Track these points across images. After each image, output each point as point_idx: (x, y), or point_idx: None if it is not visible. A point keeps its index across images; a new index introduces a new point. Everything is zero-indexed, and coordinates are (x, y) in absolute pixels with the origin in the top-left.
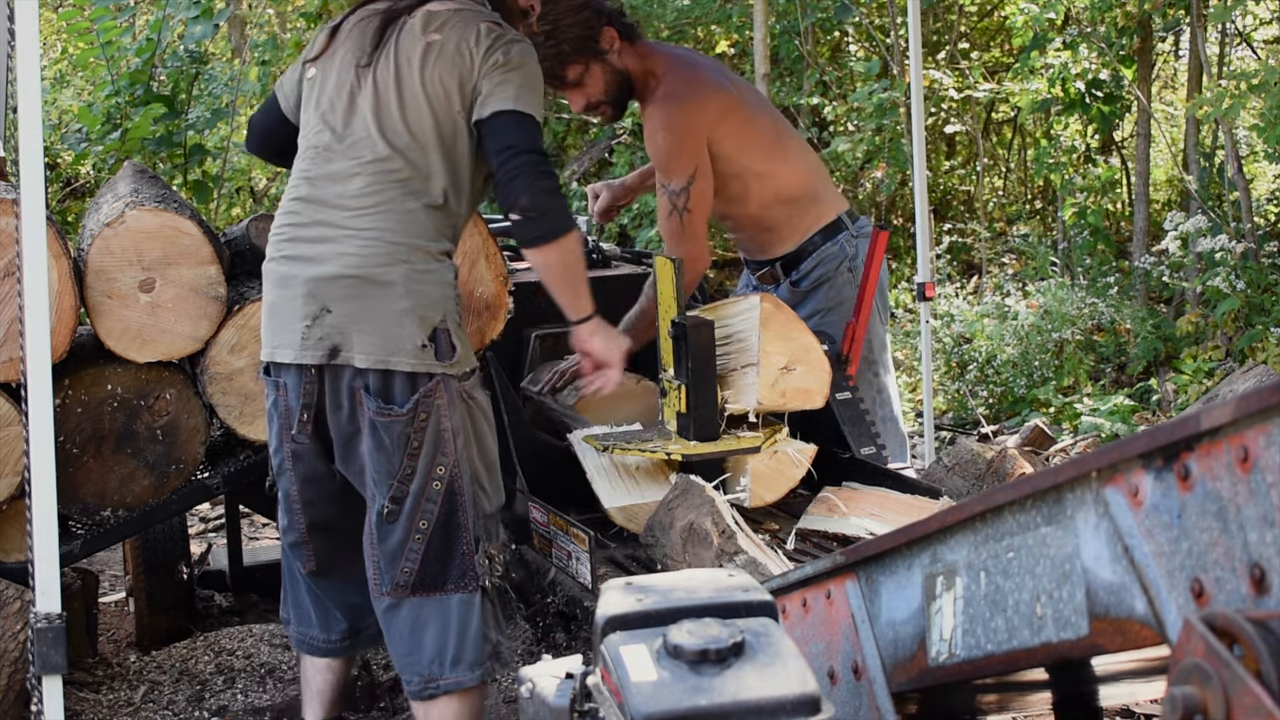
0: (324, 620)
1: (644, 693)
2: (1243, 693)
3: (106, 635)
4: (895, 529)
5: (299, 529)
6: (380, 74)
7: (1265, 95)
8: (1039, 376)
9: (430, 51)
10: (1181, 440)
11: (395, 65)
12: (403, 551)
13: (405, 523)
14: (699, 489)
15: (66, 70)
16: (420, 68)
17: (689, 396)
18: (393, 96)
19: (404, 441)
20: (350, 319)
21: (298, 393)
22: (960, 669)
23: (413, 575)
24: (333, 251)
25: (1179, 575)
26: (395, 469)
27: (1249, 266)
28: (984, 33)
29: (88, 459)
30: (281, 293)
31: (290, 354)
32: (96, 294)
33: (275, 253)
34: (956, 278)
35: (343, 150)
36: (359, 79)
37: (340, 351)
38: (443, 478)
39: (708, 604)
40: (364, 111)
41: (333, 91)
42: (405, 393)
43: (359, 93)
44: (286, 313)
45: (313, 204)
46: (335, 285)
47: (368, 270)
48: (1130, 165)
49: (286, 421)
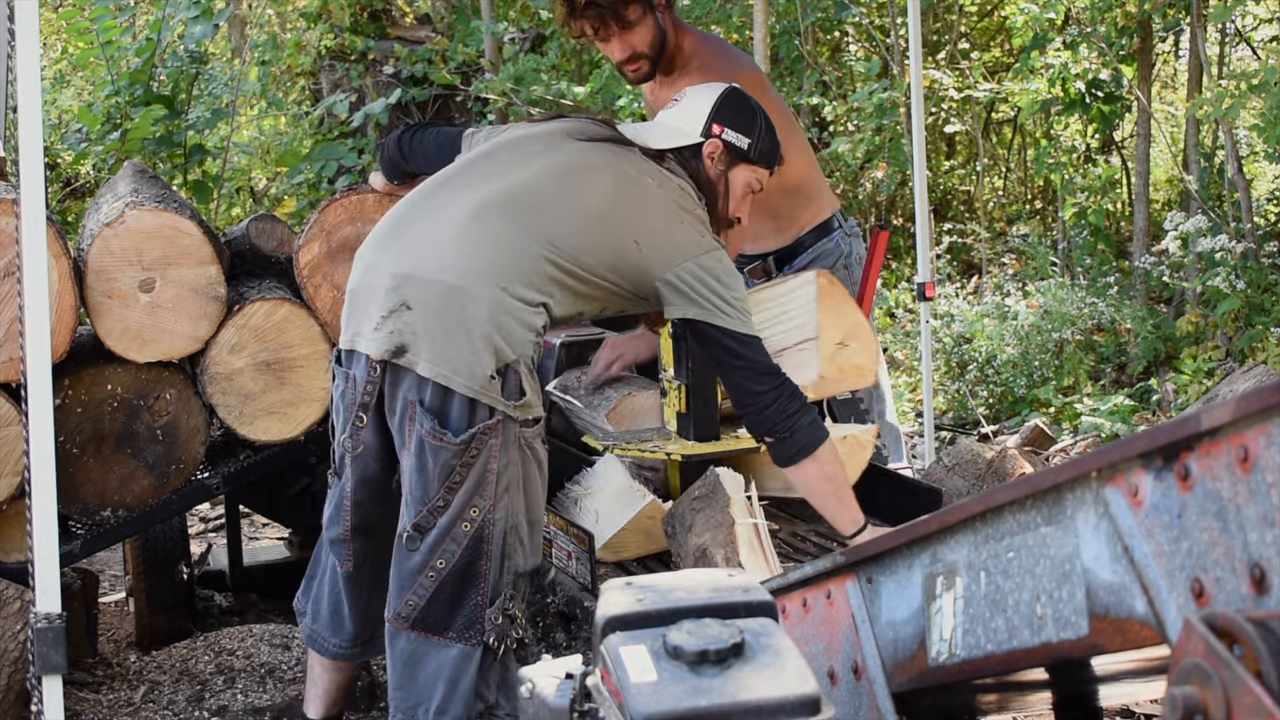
0: (334, 624)
1: (644, 693)
2: (1243, 693)
3: (106, 635)
4: (896, 529)
5: (343, 526)
6: (575, 155)
7: (1265, 95)
8: (1039, 376)
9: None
10: (1181, 440)
11: (562, 162)
12: (413, 583)
13: (424, 555)
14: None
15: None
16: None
17: (689, 397)
18: (575, 162)
19: (447, 472)
20: (426, 321)
21: (364, 384)
22: (960, 669)
23: (416, 610)
24: (432, 252)
25: (1179, 575)
26: (429, 496)
27: (1249, 266)
28: (984, 33)
29: (88, 459)
30: (366, 279)
31: (364, 343)
32: (96, 294)
33: (372, 240)
34: (956, 278)
35: (491, 173)
36: (559, 149)
37: (406, 352)
38: (474, 520)
39: (707, 604)
40: (532, 147)
41: (523, 140)
42: (462, 421)
43: (542, 137)
44: (366, 300)
45: (430, 207)
46: (422, 285)
47: (461, 281)
48: (1130, 165)
49: (352, 414)
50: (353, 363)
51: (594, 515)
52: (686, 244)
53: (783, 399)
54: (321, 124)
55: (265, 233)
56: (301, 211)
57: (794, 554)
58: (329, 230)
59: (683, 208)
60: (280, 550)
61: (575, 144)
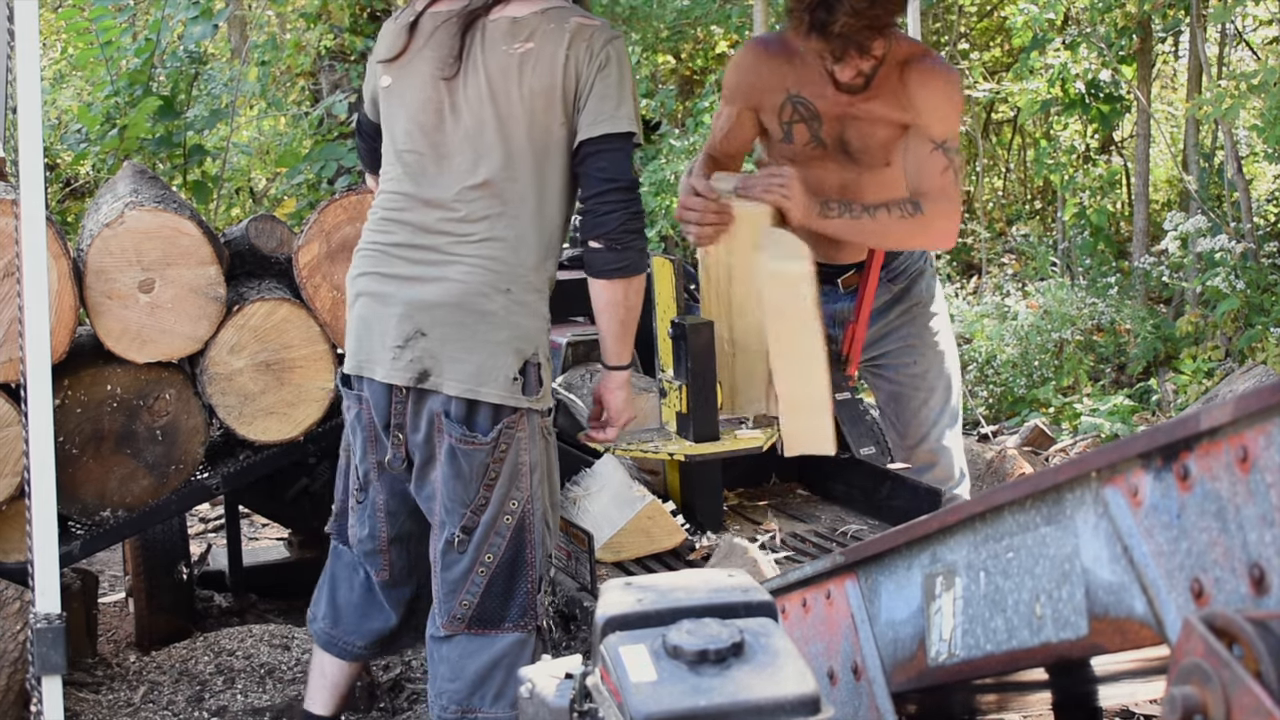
0: (361, 628)
1: (643, 693)
2: (1242, 693)
3: (106, 635)
4: (895, 529)
5: (379, 538)
6: (471, 90)
7: (1265, 95)
8: (1039, 376)
9: (526, 63)
10: (1181, 440)
11: (487, 80)
12: (464, 583)
13: (472, 554)
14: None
15: (66, 70)
16: (516, 82)
17: (689, 397)
18: (489, 115)
19: (483, 471)
20: (444, 345)
21: (385, 410)
22: (960, 669)
23: (471, 609)
24: (435, 274)
25: (1178, 575)
26: (470, 498)
27: (1248, 267)
28: (984, 33)
29: (87, 459)
30: (377, 309)
31: (381, 371)
32: (96, 294)
33: (369, 267)
34: (956, 278)
35: (439, 173)
36: (447, 94)
37: (430, 376)
38: (514, 512)
39: (707, 604)
40: (459, 132)
41: (417, 106)
42: (489, 421)
43: (449, 110)
44: (379, 329)
45: (409, 227)
46: (434, 310)
47: (470, 299)
48: (1130, 165)
49: (372, 434)
50: (365, 385)
51: (593, 515)
52: (587, 58)
53: (631, 210)
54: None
55: (265, 233)
56: (301, 212)
57: (794, 554)
58: (328, 230)
59: (562, 42)
60: (280, 550)
61: (453, 83)
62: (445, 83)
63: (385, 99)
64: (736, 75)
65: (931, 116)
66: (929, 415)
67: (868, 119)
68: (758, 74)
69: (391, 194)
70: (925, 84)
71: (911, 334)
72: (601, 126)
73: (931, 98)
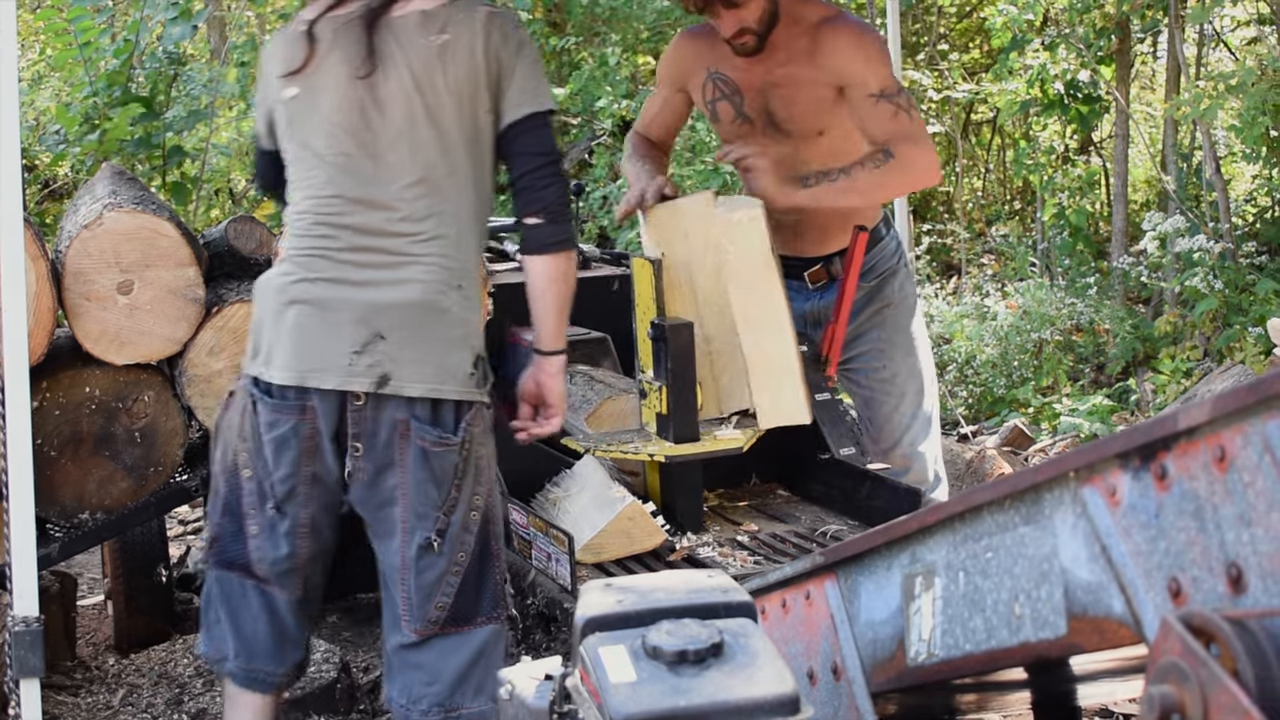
0: (279, 652)
1: (623, 694)
2: (1219, 692)
3: (85, 638)
4: (875, 529)
5: (298, 557)
6: (394, 85)
7: (1243, 96)
8: (1018, 377)
9: (446, 54)
10: (1159, 440)
11: (410, 73)
12: (439, 586)
13: (447, 555)
14: None
15: (44, 71)
16: (440, 73)
17: (669, 398)
18: (418, 108)
19: (453, 471)
20: (404, 347)
21: (336, 420)
22: (939, 669)
23: (446, 611)
24: (392, 277)
25: (1156, 575)
26: (442, 500)
27: (1227, 267)
28: (963, 34)
29: (65, 461)
30: (322, 316)
31: (334, 380)
32: (74, 296)
33: (305, 274)
34: (936, 278)
35: (375, 172)
36: (367, 92)
37: (390, 380)
38: (479, 507)
39: (687, 605)
40: (388, 129)
41: (335, 109)
42: (454, 420)
43: (373, 108)
44: (326, 337)
45: (352, 230)
46: (392, 312)
47: (429, 297)
48: (1109, 166)
49: (311, 446)
50: (310, 395)
51: (573, 517)
52: (505, 44)
53: (564, 183)
54: None
55: (244, 234)
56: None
57: (773, 554)
58: None
59: (478, 30)
60: None
61: (368, 81)
62: (362, 82)
63: (292, 110)
64: (666, 60)
65: (853, 71)
66: (900, 421)
67: (786, 84)
68: (683, 56)
69: (323, 199)
70: (835, 40)
71: (881, 337)
72: (527, 106)
73: (845, 52)
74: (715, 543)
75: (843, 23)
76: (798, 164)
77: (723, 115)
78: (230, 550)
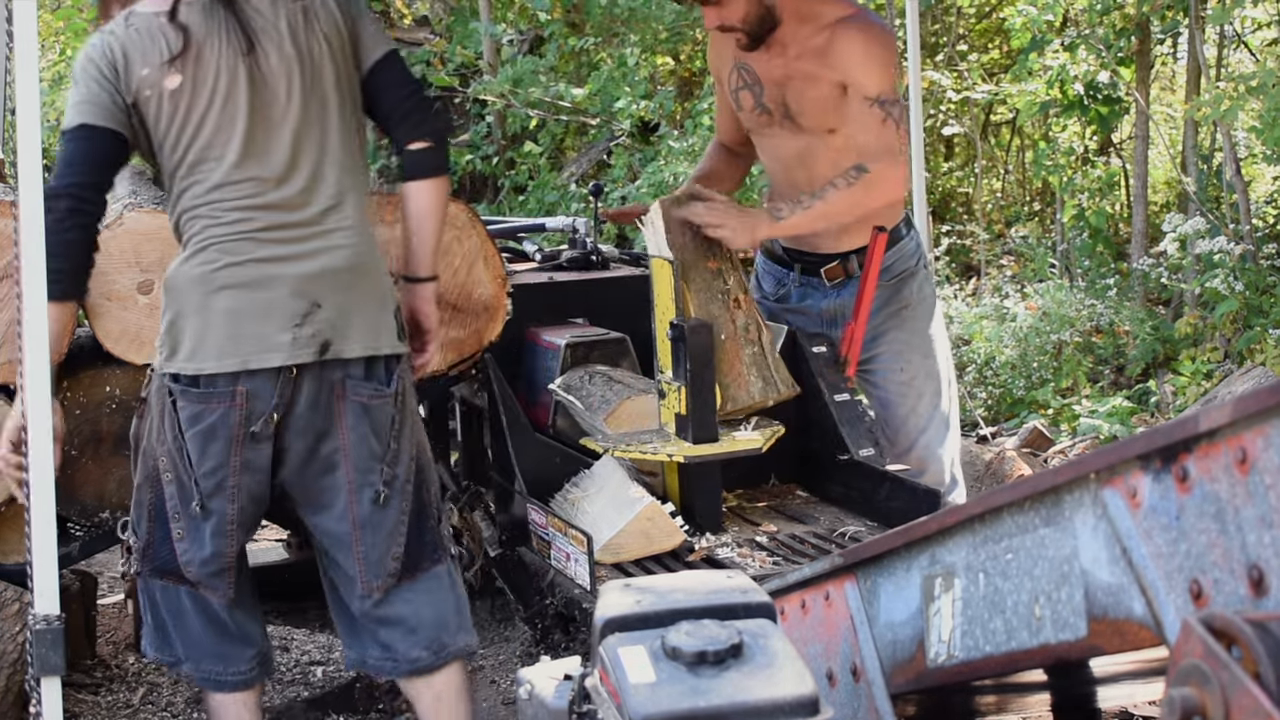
0: (229, 651)
1: (642, 694)
2: (1241, 694)
3: (105, 637)
4: (894, 530)
5: (225, 555)
6: (274, 57)
7: (1263, 97)
8: (1037, 378)
9: (309, 14)
10: (1180, 442)
11: (290, 39)
12: (394, 538)
13: (396, 506)
14: None
15: (64, 71)
16: (311, 35)
17: (688, 398)
18: (306, 75)
19: (391, 422)
20: (341, 311)
21: (267, 399)
22: (959, 670)
23: (400, 560)
24: (319, 246)
25: (1177, 577)
26: (384, 452)
27: (1247, 268)
28: (982, 34)
29: (86, 460)
30: (253, 296)
31: (279, 357)
32: (95, 295)
33: (229, 258)
34: (955, 279)
35: (276, 146)
36: (255, 67)
37: (331, 345)
38: (415, 456)
39: (706, 606)
40: (279, 99)
41: (229, 92)
42: (387, 373)
43: (261, 82)
44: (264, 316)
45: (271, 209)
46: (326, 279)
47: (355, 260)
48: (1129, 167)
49: (239, 433)
50: (240, 380)
51: (592, 517)
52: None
53: (443, 112)
54: None
55: None
56: None
57: (792, 555)
58: None
59: None
60: (279, 551)
61: (251, 57)
62: (246, 58)
63: (178, 99)
64: (709, 55)
65: (857, 72)
66: (917, 423)
67: (800, 78)
68: (716, 50)
69: (234, 184)
70: (846, 40)
71: (899, 339)
72: (382, 47)
73: (853, 54)
74: (734, 543)
75: (857, 23)
76: (813, 160)
77: (744, 104)
78: (160, 556)
